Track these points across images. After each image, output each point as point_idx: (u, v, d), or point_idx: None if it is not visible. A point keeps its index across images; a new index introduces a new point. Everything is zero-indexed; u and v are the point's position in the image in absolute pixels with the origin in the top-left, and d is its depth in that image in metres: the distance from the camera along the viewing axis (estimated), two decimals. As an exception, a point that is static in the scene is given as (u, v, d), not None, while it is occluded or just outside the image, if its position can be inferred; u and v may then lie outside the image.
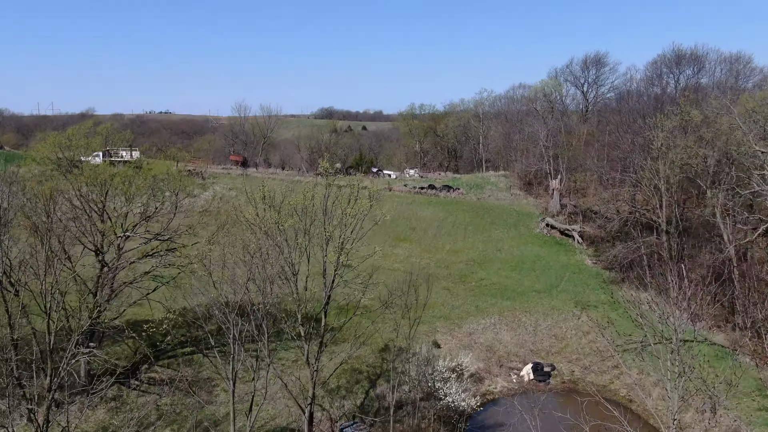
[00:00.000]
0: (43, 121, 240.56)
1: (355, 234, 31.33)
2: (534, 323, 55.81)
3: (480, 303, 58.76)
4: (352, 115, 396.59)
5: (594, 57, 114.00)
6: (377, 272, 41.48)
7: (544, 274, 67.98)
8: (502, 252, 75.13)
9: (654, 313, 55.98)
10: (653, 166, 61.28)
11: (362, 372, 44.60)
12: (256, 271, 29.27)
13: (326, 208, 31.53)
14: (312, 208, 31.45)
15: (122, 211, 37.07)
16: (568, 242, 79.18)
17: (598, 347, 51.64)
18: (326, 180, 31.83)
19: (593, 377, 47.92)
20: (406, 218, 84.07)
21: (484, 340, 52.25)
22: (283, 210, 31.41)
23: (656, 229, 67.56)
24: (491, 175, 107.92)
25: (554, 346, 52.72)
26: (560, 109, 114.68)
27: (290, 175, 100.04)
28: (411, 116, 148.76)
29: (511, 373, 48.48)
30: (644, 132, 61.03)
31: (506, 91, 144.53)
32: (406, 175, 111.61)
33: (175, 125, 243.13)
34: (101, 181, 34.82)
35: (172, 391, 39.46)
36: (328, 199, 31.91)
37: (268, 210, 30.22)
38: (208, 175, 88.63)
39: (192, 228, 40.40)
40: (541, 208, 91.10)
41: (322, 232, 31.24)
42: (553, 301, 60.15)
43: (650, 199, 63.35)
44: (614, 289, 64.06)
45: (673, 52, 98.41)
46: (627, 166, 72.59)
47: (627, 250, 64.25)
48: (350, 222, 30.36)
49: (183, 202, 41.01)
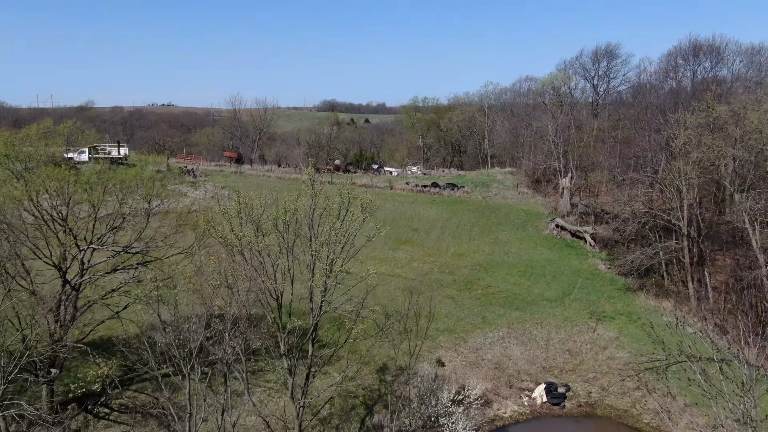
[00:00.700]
0: (39, 114, 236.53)
1: (346, 251, 27.03)
2: (546, 337, 51.48)
3: (487, 314, 54.43)
4: (354, 107, 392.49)
5: (605, 48, 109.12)
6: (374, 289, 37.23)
7: (555, 280, 63.61)
8: (509, 255, 70.73)
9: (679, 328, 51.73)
10: (674, 165, 56.82)
11: (357, 396, 40.36)
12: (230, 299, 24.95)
13: (312, 221, 27.21)
14: (296, 222, 27.12)
15: (86, 222, 32.73)
16: (579, 245, 74.74)
17: (616, 365, 47.34)
18: (312, 189, 27.44)
19: (613, 400, 43.59)
20: (407, 218, 79.69)
21: (491, 357, 47.94)
22: (264, 224, 27.10)
23: (675, 233, 63.15)
24: (497, 172, 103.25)
25: (568, 363, 48.37)
26: (569, 103, 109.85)
27: (287, 172, 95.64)
28: (414, 109, 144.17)
29: (522, 394, 44.19)
30: (664, 129, 56.48)
31: (512, 84, 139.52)
32: (408, 172, 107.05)
33: (175, 118, 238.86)
34: (59, 187, 30.50)
35: (144, 420, 35.39)
36: (315, 211, 27.69)
37: (244, 226, 25.87)
38: (200, 172, 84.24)
39: (168, 238, 36.03)
40: (550, 207, 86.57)
41: (308, 250, 26.97)
42: (565, 312, 55.81)
43: (670, 201, 58.83)
44: (631, 298, 59.72)
45: (689, 43, 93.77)
46: (643, 165, 68.11)
47: (645, 255, 59.76)
48: (340, 239, 26.00)
49: (159, 208, 36.59)
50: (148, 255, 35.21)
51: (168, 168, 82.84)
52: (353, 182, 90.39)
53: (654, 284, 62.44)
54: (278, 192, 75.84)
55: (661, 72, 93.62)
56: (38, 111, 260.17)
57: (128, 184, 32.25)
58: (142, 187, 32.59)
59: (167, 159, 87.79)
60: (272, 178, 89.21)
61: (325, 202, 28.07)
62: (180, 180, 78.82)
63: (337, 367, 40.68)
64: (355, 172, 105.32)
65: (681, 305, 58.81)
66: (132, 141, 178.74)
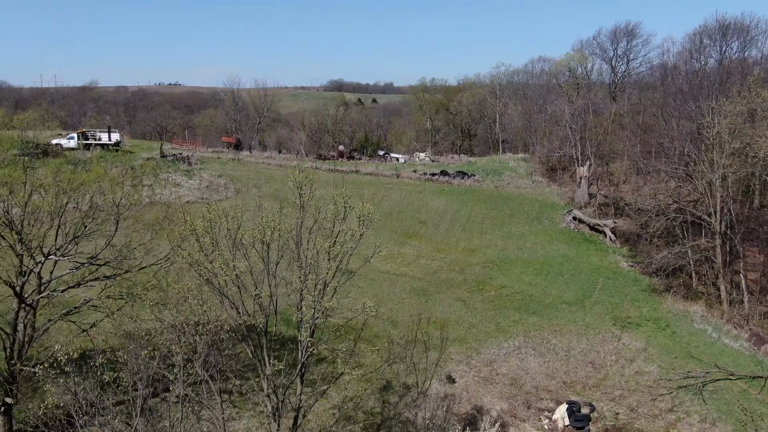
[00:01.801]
0: (41, 95, 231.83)
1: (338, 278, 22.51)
2: (566, 346, 46.94)
3: (501, 320, 49.91)
4: (362, 87, 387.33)
5: (625, 27, 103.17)
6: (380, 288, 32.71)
7: (574, 279, 58.98)
8: (524, 251, 66.09)
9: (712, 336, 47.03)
10: (707, 156, 51.82)
11: (357, 421, 35.98)
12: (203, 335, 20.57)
13: (299, 239, 22.64)
14: (280, 239, 22.54)
15: (42, 230, 28.26)
16: (598, 239, 69.97)
17: (645, 381, 42.72)
18: (299, 199, 22.85)
19: (643, 423, 38.99)
20: (415, 210, 75.02)
21: (507, 371, 43.45)
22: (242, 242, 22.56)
23: (704, 229, 58.20)
24: (509, 158, 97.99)
25: (591, 377, 43.79)
26: (585, 85, 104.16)
27: (288, 159, 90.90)
28: (422, 89, 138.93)
29: (542, 416, 39.71)
30: (697, 117, 51.37)
31: (525, 65, 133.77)
32: (416, 158, 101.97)
33: (178, 99, 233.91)
34: (7, 192, 25.99)
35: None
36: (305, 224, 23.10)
37: (214, 246, 21.31)
38: (195, 159, 79.60)
39: (142, 246, 31.53)
40: (567, 198, 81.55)
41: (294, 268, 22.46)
42: (586, 317, 51.23)
43: (702, 196, 53.83)
44: (657, 300, 55.04)
45: (716, 21, 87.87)
46: (669, 154, 62.98)
47: (672, 255, 54.93)
48: (333, 262, 21.43)
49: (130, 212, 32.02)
50: (118, 267, 30.73)
51: (162, 155, 78.30)
52: (357, 170, 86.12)
53: (681, 285, 57.69)
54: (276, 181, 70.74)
55: (686, 53, 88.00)
56: (40, 91, 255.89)
57: (89, 188, 27.61)
58: (108, 190, 27.93)
59: (161, 146, 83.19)
60: (272, 166, 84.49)
61: (316, 213, 23.37)
62: (174, 168, 74.27)
63: (335, 388, 36.30)
64: (360, 159, 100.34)
65: (711, 309, 54.11)
66: (134, 122, 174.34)
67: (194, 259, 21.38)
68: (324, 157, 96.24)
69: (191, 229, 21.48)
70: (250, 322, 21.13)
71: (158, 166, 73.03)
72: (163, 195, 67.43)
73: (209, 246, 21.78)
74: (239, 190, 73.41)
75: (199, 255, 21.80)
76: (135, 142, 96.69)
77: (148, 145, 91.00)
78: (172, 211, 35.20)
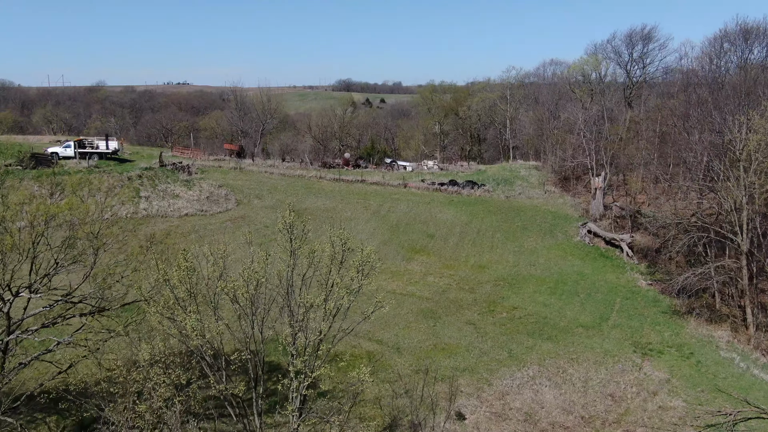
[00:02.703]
0: (48, 95, 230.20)
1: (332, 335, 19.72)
2: (584, 376, 43.91)
3: (514, 346, 46.97)
4: (370, 87, 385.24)
5: (641, 31, 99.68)
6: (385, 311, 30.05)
7: (590, 299, 55.94)
8: (536, 267, 63.06)
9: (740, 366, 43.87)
10: (733, 173, 48.71)
11: (359, 469, 33.18)
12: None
13: (289, 289, 19.87)
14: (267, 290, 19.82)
15: (9, 267, 25.62)
16: (614, 254, 66.82)
17: (670, 417, 39.66)
18: (290, 244, 20.10)
19: (669, 467, 36.12)
20: (423, 222, 72.11)
21: (521, 404, 40.48)
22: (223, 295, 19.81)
23: (728, 247, 55.00)
24: (521, 166, 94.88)
25: (611, 412, 40.75)
26: (600, 91, 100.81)
27: (291, 168, 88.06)
28: (431, 90, 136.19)
29: (559, 458, 36.81)
30: (725, 131, 48.26)
31: (536, 69, 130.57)
32: (424, 167, 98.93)
33: (185, 99, 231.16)
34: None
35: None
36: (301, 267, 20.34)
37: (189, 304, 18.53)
38: (196, 168, 77.00)
39: (124, 279, 28.82)
40: (581, 209, 78.37)
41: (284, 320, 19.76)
42: (604, 343, 48.19)
43: (727, 214, 50.67)
44: (679, 324, 51.92)
45: (737, 26, 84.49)
46: (691, 167, 59.81)
47: (695, 276, 51.80)
48: (324, 327, 18.65)
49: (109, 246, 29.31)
50: (96, 305, 28.04)
51: (161, 164, 75.74)
52: (363, 179, 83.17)
53: (704, 306, 54.51)
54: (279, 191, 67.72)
55: (705, 57, 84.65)
56: (46, 92, 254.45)
57: (61, 220, 24.92)
58: (80, 224, 25.21)
59: (161, 154, 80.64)
60: (275, 176, 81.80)
61: (310, 257, 20.57)
62: (173, 178, 71.64)
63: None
64: (366, 167, 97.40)
65: (737, 333, 50.96)
66: (139, 125, 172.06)
67: (165, 315, 18.58)
68: (329, 165, 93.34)
69: (164, 278, 18.66)
70: (231, 390, 18.35)
71: (156, 176, 70.51)
72: (161, 207, 65.01)
73: (185, 298, 19.01)
74: (240, 202, 70.75)
75: (174, 308, 19.01)
76: (135, 149, 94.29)
77: (149, 153, 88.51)
78: (159, 238, 32.52)
